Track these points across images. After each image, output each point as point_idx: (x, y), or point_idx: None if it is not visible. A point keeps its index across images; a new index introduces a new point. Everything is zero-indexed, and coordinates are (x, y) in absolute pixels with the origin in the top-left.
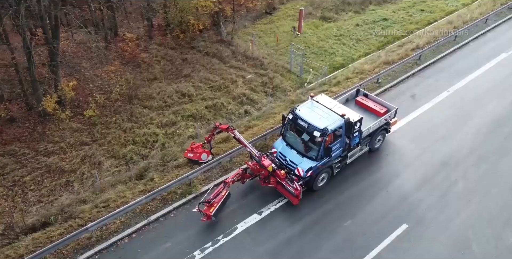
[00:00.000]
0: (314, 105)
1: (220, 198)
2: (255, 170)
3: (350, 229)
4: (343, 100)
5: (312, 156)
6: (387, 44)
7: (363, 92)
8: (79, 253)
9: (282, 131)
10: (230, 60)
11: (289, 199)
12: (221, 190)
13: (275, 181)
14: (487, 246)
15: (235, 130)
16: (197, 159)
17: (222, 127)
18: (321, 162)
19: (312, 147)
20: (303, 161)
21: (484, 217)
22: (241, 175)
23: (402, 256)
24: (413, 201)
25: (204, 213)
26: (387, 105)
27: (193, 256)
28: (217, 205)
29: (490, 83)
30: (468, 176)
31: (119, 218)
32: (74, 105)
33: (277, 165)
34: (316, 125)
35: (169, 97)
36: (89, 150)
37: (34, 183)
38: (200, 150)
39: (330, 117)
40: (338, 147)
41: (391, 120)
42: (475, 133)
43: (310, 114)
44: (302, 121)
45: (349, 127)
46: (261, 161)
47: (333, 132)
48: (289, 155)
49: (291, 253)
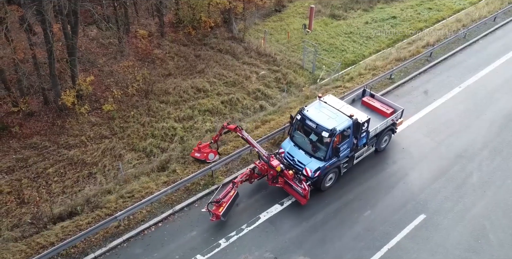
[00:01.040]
0: (322, 105)
1: (228, 198)
2: (263, 170)
3: (370, 219)
4: (350, 100)
5: (320, 157)
6: (396, 41)
7: (369, 93)
8: (108, 241)
9: (290, 132)
10: (243, 56)
11: (297, 199)
12: (229, 190)
13: (283, 181)
14: (503, 235)
15: (243, 130)
16: (204, 159)
17: (230, 127)
18: (329, 162)
19: (320, 148)
20: (311, 161)
21: (500, 207)
22: (249, 175)
23: (422, 244)
24: (430, 192)
25: (213, 213)
26: (394, 106)
27: (219, 244)
28: (226, 205)
29: (500, 79)
30: (483, 169)
31: (145, 208)
32: (92, 100)
33: (285, 165)
34: (325, 125)
35: (185, 92)
36: (109, 143)
37: (57, 175)
38: (207, 149)
39: (338, 118)
40: (346, 148)
41: (397, 120)
42: (488, 127)
43: (318, 114)
44: (310, 122)
45: (357, 127)
46: (269, 161)
47: (341, 132)
48: (297, 156)
49: (313, 241)
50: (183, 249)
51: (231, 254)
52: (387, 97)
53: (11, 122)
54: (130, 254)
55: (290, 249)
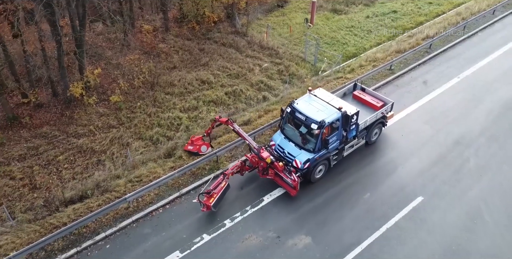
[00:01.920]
0: (312, 98)
1: (219, 189)
2: (254, 162)
3: (370, 201)
4: (341, 94)
5: (310, 148)
6: (397, 34)
7: (360, 86)
8: (118, 221)
9: (280, 124)
10: (246, 50)
11: (287, 191)
12: (220, 182)
13: (274, 173)
14: (498, 216)
15: (234, 123)
16: (196, 151)
17: (222, 120)
18: (318, 154)
19: (309, 140)
20: (301, 153)
21: (496, 190)
22: (240, 167)
23: (419, 224)
24: (428, 177)
25: (204, 203)
26: (384, 99)
27: (224, 224)
28: (216, 196)
29: (499, 70)
30: (480, 155)
31: (153, 191)
32: (99, 91)
33: (275, 157)
34: (314, 117)
35: (190, 84)
36: (117, 133)
37: (67, 162)
38: (200, 142)
39: (328, 110)
40: (335, 140)
41: (387, 113)
42: (485, 116)
43: (308, 107)
44: (300, 114)
45: (346, 120)
46: (259, 153)
47: (330, 124)
48: (287, 148)
49: (315, 222)
50: (190, 229)
51: (236, 233)
52: (387, 87)
53: (21, 113)
54: (139, 233)
55: (292, 229)
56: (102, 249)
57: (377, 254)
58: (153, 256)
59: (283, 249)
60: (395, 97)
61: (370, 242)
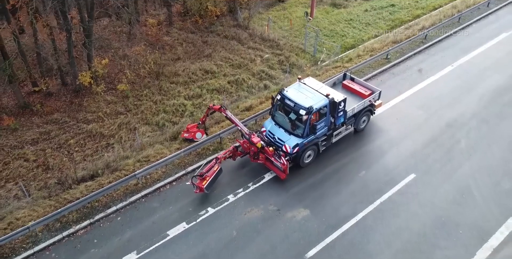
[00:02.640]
0: (301, 86)
1: (212, 172)
2: (245, 147)
3: (365, 178)
4: (331, 83)
5: (299, 134)
6: (394, 27)
7: (349, 76)
8: (128, 196)
9: (271, 112)
10: (248, 42)
11: (277, 174)
12: (213, 165)
13: (264, 157)
14: (486, 191)
15: (227, 110)
16: (191, 138)
17: (215, 107)
18: (307, 139)
19: (298, 125)
20: (290, 139)
21: (485, 168)
22: (232, 152)
23: (411, 199)
24: (420, 156)
25: (197, 186)
26: (372, 88)
27: (227, 199)
28: (209, 179)
29: (491, 59)
30: (470, 136)
31: (161, 169)
32: (107, 81)
33: (266, 143)
34: (302, 104)
35: (194, 73)
36: (125, 118)
37: (78, 146)
38: (195, 129)
39: (315, 97)
40: (323, 126)
41: (375, 101)
42: (477, 101)
43: (297, 94)
44: (289, 101)
45: (334, 106)
46: (250, 138)
47: (318, 110)
48: (277, 133)
49: (313, 197)
50: (195, 203)
51: (238, 207)
52: (384, 75)
53: (33, 101)
54: (148, 207)
55: (291, 203)
56: (114, 221)
57: (371, 225)
58: (161, 227)
59: (283, 221)
60: (391, 84)
61: (364, 215)
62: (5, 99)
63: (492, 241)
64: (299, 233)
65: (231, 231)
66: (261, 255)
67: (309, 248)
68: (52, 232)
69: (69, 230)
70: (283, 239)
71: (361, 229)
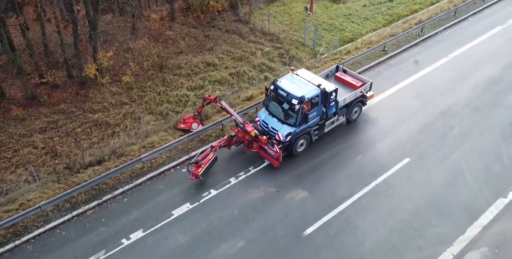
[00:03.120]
0: (294, 77)
1: (207, 160)
2: (240, 137)
3: (361, 162)
4: (324, 75)
5: (291, 123)
6: (392, 21)
7: (342, 68)
8: (134, 179)
9: (265, 102)
10: (249, 36)
11: (271, 162)
12: (208, 153)
13: (258, 146)
14: (477, 174)
15: (221, 100)
16: (188, 128)
17: (211, 98)
18: (299, 128)
19: (291, 115)
20: (283, 127)
21: (477, 153)
22: (227, 141)
23: (405, 181)
24: (415, 142)
25: (193, 172)
26: (363, 79)
27: (229, 181)
28: (204, 166)
29: (486, 51)
30: (464, 123)
31: (165, 154)
32: (111, 74)
33: (260, 132)
34: (295, 93)
35: (196, 66)
36: (129, 108)
37: (85, 134)
38: (191, 120)
39: (308, 87)
40: (315, 115)
41: (366, 93)
42: (471, 90)
43: (289, 85)
44: (282, 91)
45: (325, 96)
46: (244, 127)
47: (309, 100)
48: (271, 123)
49: (311, 179)
50: (199, 185)
51: (240, 188)
52: (381, 66)
53: (40, 92)
54: (153, 189)
55: (290, 185)
56: (120, 202)
57: (367, 205)
58: (166, 207)
59: (283, 201)
60: (387, 75)
61: (360, 196)
62: (13, 91)
63: (482, 220)
64: (298, 213)
65: (232, 211)
66: (261, 232)
67: (307, 226)
68: (62, 212)
69: (78, 210)
70: (282, 218)
71: (356, 209)
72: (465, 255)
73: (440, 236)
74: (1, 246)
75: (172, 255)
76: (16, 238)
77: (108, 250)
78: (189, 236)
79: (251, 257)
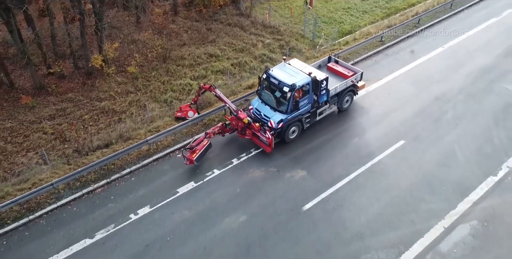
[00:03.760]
0: (286, 66)
1: (201, 146)
2: (234, 124)
3: (358, 144)
4: (316, 66)
5: (283, 110)
6: (390, 15)
7: (334, 59)
8: (141, 160)
9: (258, 91)
10: (250, 28)
11: (263, 148)
12: (202, 139)
13: (251, 133)
14: (469, 154)
15: (216, 89)
16: (184, 116)
17: (205, 87)
18: (291, 115)
19: (283, 102)
20: (275, 115)
21: (469, 135)
22: (221, 128)
23: (400, 161)
24: (410, 125)
25: (188, 158)
26: (354, 69)
27: (232, 162)
28: (199, 152)
29: (480, 41)
30: (457, 108)
31: (170, 137)
32: (116, 65)
33: (253, 119)
34: (286, 81)
35: (199, 57)
36: (135, 97)
37: (92, 120)
38: (187, 108)
39: (299, 76)
40: (307, 103)
41: (357, 82)
42: (465, 77)
43: (281, 73)
44: (274, 79)
45: (316, 84)
46: (238, 114)
47: (300, 88)
48: (263, 111)
49: (310, 160)
50: (203, 166)
51: (241, 168)
52: (378, 56)
53: (48, 82)
54: (159, 169)
55: (290, 165)
56: (128, 181)
57: (362, 183)
58: (171, 185)
59: (282, 180)
60: (384, 64)
61: (356, 174)
62: (21, 82)
63: (472, 196)
64: (297, 190)
65: (235, 189)
66: (262, 208)
67: (305, 202)
68: (72, 190)
69: (88, 188)
70: (282, 195)
71: (353, 187)
72: (456, 227)
73: (432, 211)
74: (16, 221)
75: (178, 229)
76: (30, 213)
77: (117, 224)
78: (194, 212)
79: (252, 230)
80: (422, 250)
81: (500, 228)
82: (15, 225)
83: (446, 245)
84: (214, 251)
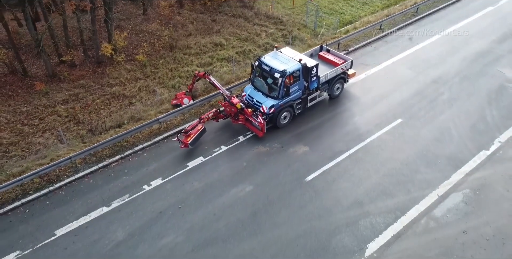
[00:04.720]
0: (277, 54)
1: (196, 130)
2: (227, 110)
3: (358, 122)
4: (308, 54)
5: (274, 96)
6: (390, 6)
7: (325, 48)
8: (152, 137)
9: (251, 78)
10: (254, 19)
11: (255, 133)
12: (196, 124)
13: (244, 118)
14: (463, 131)
15: (210, 75)
16: (179, 103)
17: (200, 74)
18: (282, 101)
19: (274, 88)
20: (267, 100)
21: (463, 114)
22: (215, 114)
23: (397, 137)
24: (407, 105)
25: (183, 141)
26: (344, 57)
27: (238, 139)
28: (193, 136)
29: (476, 28)
30: (453, 90)
31: (179, 117)
32: (125, 54)
33: (246, 105)
34: (277, 68)
35: (204, 46)
36: (144, 83)
37: (104, 104)
38: (183, 96)
39: (289, 62)
40: (298, 89)
41: (347, 70)
42: (461, 61)
43: (273, 60)
44: (265, 66)
45: (306, 71)
46: (231, 100)
47: (291, 74)
48: (256, 97)
49: (312, 137)
50: (211, 143)
51: (247, 145)
52: (377, 42)
53: (60, 70)
54: (169, 146)
55: (293, 141)
56: (141, 156)
57: (361, 157)
58: (181, 160)
59: (286, 154)
60: (383, 50)
61: (356, 149)
62: (34, 70)
63: (465, 168)
64: (300, 163)
65: (241, 163)
66: (267, 179)
67: (308, 174)
68: (89, 164)
69: (104, 163)
70: (286, 168)
71: (352, 160)
72: (449, 195)
73: (427, 181)
74: (37, 191)
75: (188, 198)
76: (50, 185)
77: (131, 194)
78: (203, 183)
79: (258, 198)
80: (417, 215)
81: (490, 196)
82: (36, 195)
83: (440, 211)
84: (223, 217)
